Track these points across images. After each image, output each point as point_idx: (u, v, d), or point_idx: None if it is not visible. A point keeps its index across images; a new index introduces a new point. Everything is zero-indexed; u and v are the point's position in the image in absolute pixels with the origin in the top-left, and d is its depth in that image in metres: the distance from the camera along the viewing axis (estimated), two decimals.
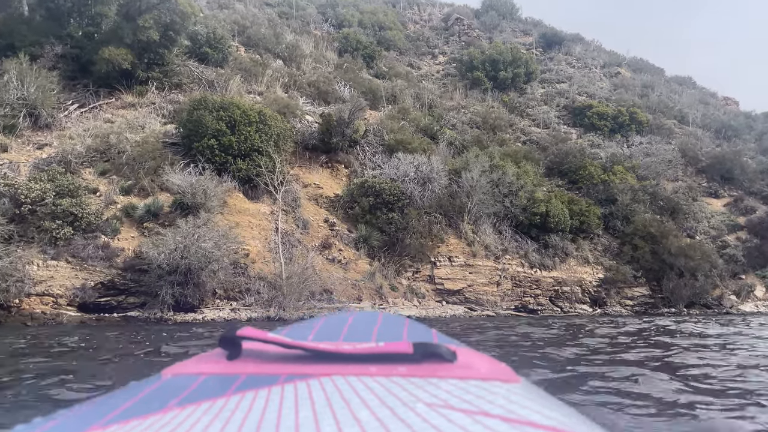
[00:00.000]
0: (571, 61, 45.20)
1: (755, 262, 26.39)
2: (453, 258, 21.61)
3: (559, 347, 8.56)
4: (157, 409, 0.58)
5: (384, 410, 0.55)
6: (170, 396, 0.63)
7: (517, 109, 37.38)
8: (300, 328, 1.06)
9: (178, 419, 0.55)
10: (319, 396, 0.61)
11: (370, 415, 0.54)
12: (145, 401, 0.62)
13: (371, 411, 0.55)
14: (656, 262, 24.37)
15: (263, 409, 0.57)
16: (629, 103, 37.23)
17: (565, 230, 24.57)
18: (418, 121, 30.37)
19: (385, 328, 1.07)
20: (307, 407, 0.57)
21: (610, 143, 32.96)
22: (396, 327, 1.09)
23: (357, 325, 1.09)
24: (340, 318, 1.17)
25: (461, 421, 0.51)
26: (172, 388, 0.67)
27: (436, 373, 0.69)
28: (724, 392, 4.92)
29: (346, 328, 1.05)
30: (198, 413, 0.56)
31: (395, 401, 0.58)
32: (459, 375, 0.69)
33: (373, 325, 1.08)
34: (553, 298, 23.31)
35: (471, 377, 0.68)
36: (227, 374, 0.71)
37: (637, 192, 27.64)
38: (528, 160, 28.20)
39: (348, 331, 1.03)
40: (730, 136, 35.53)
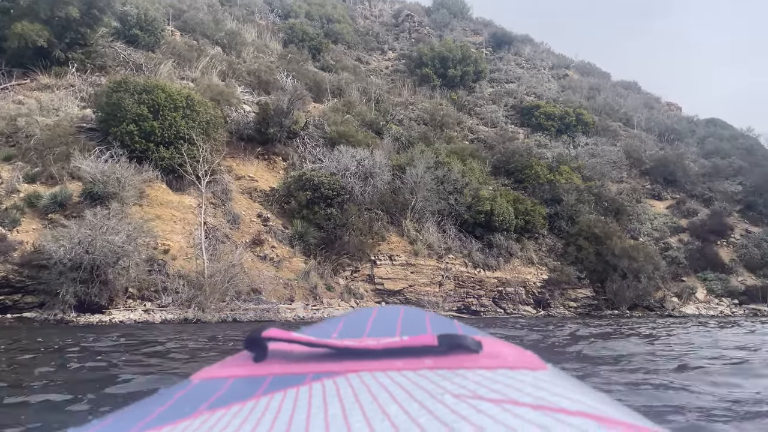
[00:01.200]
0: (520, 62, 45.05)
1: (697, 264, 26.46)
2: (394, 257, 20.61)
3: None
4: (188, 414, 0.58)
5: (412, 403, 0.54)
6: (200, 400, 0.62)
7: (466, 107, 36.82)
8: (324, 326, 1.04)
9: (209, 423, 0.54)
10: (347, 393, 0.60)
11: (399, 408, 0.53)
12: (176, 407, 0.61)
13: (399, 405, 0.54)
14: (600, 263, 24.03)
15: (292, 409, 0.56)
16: (576, 105, 37.22)
17: (510, 230, 23.95)
18: (363, 116, 29.29)
19: (408, 322, 1.06)
20: (336, 404, 0.56)
21: (556, 143, 32.73)
22: (419, 320, 1.08)
23: (380, 320, 1.08)
24: (363, 314, 1.16)
25: (490, 410, 0.51)
26: (202, 392, 0.66)
27: (462, 364, 0.68)
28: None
29: (369, 324, 1.03)
30: (228, 416, 0.56)
31: (423, 394, 0.57)
32: (486, 365, 0.68)
33: (396, 319, 1.07)
34: (496, 299, 22.62)
35: (498, 366, 0.67)
36: (255, 376, 0.71)
37: (583, 192, 27.35)
38: (474, 158, 27.53)
39: (371, 326, 1.01)
40: (673, 139, 35.93)
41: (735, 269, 26.66)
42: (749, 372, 5.85)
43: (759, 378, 5.39)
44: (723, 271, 26.44)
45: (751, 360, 6.87)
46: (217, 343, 9.27)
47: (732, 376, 5.51)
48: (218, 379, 0.72)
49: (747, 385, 4.90)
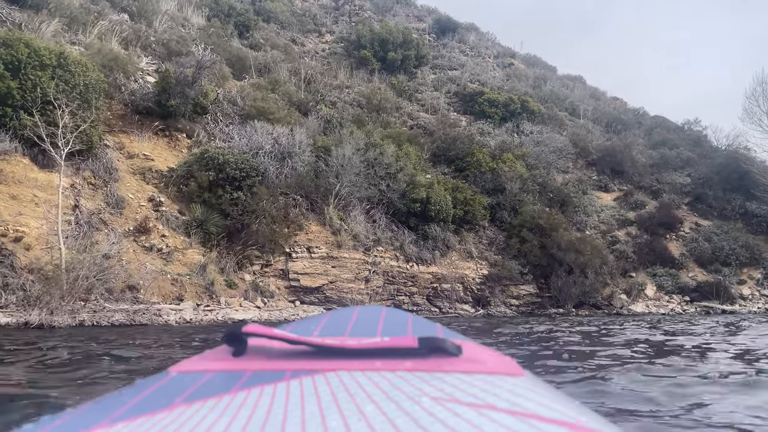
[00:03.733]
0: (464, 49, 43.00)
1: (646, 259, 24.78)
2: (313, 249, 17.86)
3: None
4: (164, 406, 0.58)
5: (390, 404, 0.55)
6: (177, 393, 0.62)
7: (406, 92, 34.41)
8: (305, 324, 1.04)
9: (185, 416, 0.55)
10: (325, 391, 0.60)
11: (376, 409, 0.54)
12: (152, 398, 0.62)
13: (377, 405, 0.55)
14: (545, 257, 21.94)
15: (269, 405, 0.57)
16: (521, 93, 35.36)
17: (447, 220, 21.59)
18: (290, 95, 26.44)
19: (389, 323, 1.05)
20: (313, 402, 0.57)
21: (500, 131, 30.67)
22: (400, 322, 1.07)
23: (362, 320, 1.07)
24: (345, 313, 1.15)
25: (467, 414, 0.51)
26: (179, 385, 0.66)
27: (441, 367, 0.69)
28: None
29: (351, 324, 1.03)
30: (204, 410, 0.56)
31: (401, 395, 0.58)
32: (464, 369, 0.68)
33: (378, 320, 1.07)
34: (431, 296, 20.18)
35: (476, 371, 0.68)
36: (233, 371, 0.70)
37: (527, 181, 25.29)
38: (412, 144, 25.06)
39: (353, 326, 1.01)
40: (620, 130, 34.53)
41: (685, 264, 25.14)
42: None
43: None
44: (673, 266, 24.87)
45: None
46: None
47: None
48: (196, 373, 0.70)
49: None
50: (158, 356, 6.98)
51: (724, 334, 10.75)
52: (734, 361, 6.59)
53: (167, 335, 10.15)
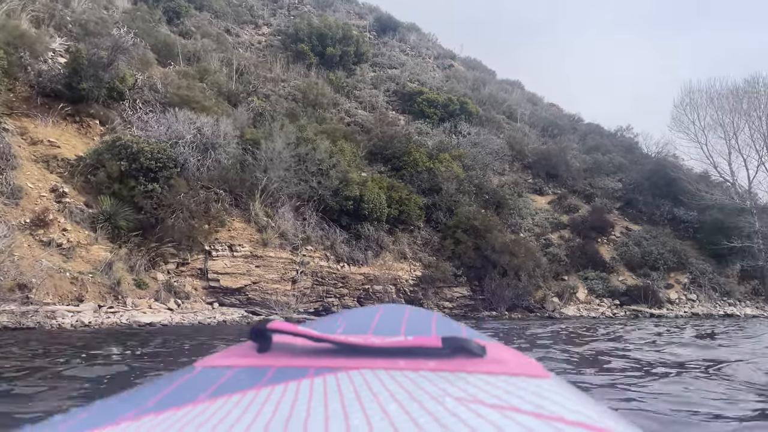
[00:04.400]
0: (405, 49, 42.52)
1: (578, 263, 24.85)
2: (236, 247, 16.71)
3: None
4: (190, 401, 0.58)
5: (413, 404, 0.55)
6: (202, 388, 0.63)
7: (344, 89, 33.50)
8: (329, 321, 1.05)
9: (210, 410, 0.55)
10: (348, 389, 0.60)
11: (399, 408, 0.53)
12: (178, 393, 0.62)
13: (400, 404, 0.55)
14: (479, 258, 21.55)
15: (293, 402, 0.57)
16: (461, 94, 35.15)
17: (381, 219, 20.85)
18: (220, 86, 25.10)
19: (413, 322, 1.05)
20: (336, 400, 0.57)
21: (438, 131, 30.26)
22: (424, 321, 1.07)
23: (385, 319, 1.07)
24: (368, 311, 1.15)
25: (491, 416, 0.51)
26: (204, 380, 0.67)
27: (465, 367, 0.68)
28: None
29: (374, 322, 1.03)
30: (229, 405, 0.56)
31: (424, 395, 0.57)
32: (488, 370, 0.68)
33: (402, 319, 1.06)
34: (362, 298, 19.37)
35: (500, 372, 0.67)
36: (257, 367, 0.71)
37: (463, 182, 24.91)
38: (348, 141, 24.22)
39: (377, 324, 1.02)
40: (556, 134, 34.84)
41: (616, 268, 25.38)
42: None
43: None
44: (604, 269, 25.05)
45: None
46: None
47: None
48: (221, 368, 0.71)
49: None
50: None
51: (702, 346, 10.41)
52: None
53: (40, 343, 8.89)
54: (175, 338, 9.73)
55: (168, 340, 9.37)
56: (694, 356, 7.48)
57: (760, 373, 5.74)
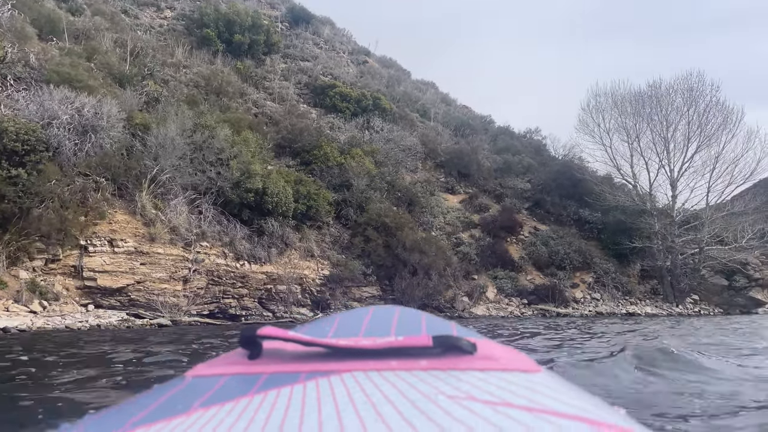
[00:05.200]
0: (318, 42, 41.21)
1: (488, 262, 24.65)
2: (118, 242, 14.86)
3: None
4: (182, 411, 0.58)
5: (406, 404, 0.55)
6: (194, 397, 0.62)
7: (253, 78, 31.82)
8: (319, 325, 1.04)
9: (203, 420, 0.55)
10: (341, 392, 0.60)
11: (393, 409, 0.54)
12: (170, 404, 0.62)
13: (393, 405, 0.55)
14: (389, 257, 20.75)
15: (286, 408, 0.57)
16: (374, 90, 34.36)
17: (287, 215, 19.57)
18: (111, 67, 22.80)
19: (403, 322, 1.05)
20: (330, 404, 0.57)
21: (350, 126, 29.28)
22: (414, 321, 1.07)
23: (375, 320, 1.07)
24: (358, 313, 1.15)
25: (484, 412, 0.51)
26: (196, 389, 0.67)
27: (457, 365, 0.69)
28: None
29: (365, 324, 1.03)
30: (222, 414, 0.56)
31: (417, 395, 0.58)
32: (480, 366, 0.68)
33: (392, 320, 1.06)
34: (264, 299, 17.99)
35: (492, 368, 0.68)
36: (249, 374, 0.71)
37: (375, 178, 24.05)
38: (254, 131, 22.69)
39: (367, 326, 1.01)
40: (468, 134, 34.80)
41: (524, 267, 25.41)
42: None
43: None
44: (513, 269, 25.00)
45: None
46: None
47: None
48: (212, 377, 0.70)
49: None
50: None
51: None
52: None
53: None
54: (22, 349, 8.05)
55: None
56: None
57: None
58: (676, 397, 3.79)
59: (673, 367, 4.64)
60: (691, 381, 4.26)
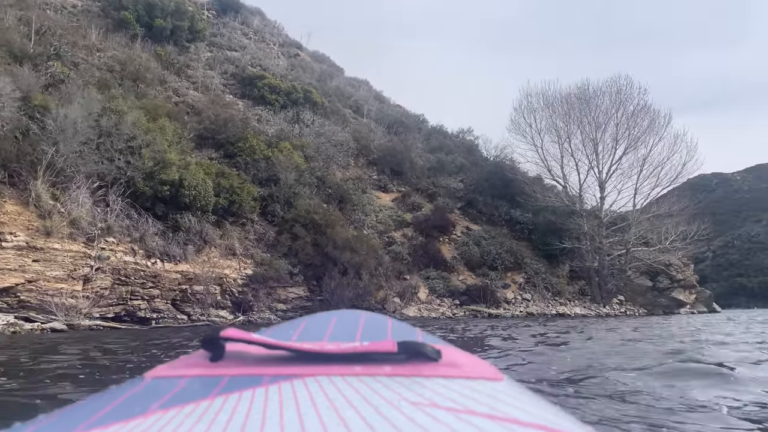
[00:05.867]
0: (247, 32, 39.47)
1: (420, 262, 23.99)
2: (6, 235, 13.03)
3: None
4: (140, 413, 0.57)
5: (369, 410, 0.55)
6: (152, 399, 0.61)
7: (174, 66, 29.89)
8: (284, 329, 1.01)
9: (161, 422, 0.54)
10: (304, 396, 0.60)
11: (355, 414, 0.54)
12: (127, 405, 0.60)
13: (356, 411, 0.55)
14: (318, 255, 19.66)
15: (247, 411, 0.56)
16: (306, 83, 33.13)
17: (207, 210, 18.14)
18: (12, 44, 20.54)
19: (369, 328, 1.04)
20: (292, 408, 0.56)
21: (279, 119, 27.93)
22: (380, 326, 1.07)
23: (341, 325, 1.06)
24: (323, 318, 1.13)
25: (447, 419, 0.52)
26: (155, 390, 0.65)
27: (421, 372, 0.68)
28: None
29: (330, 328, 1.01)
30: (181, 416, 0.55)
31: (380, 400, 0.58)
32: (444, 374, 0.68)
33: (357, 325, 1.05)
34: (178, 301, 16.48)
35: (456, 376, 0.68)
36: (210, 376, 0.69)
37: (304, 173, 22.89)
38: (172, 120, 21.02)
39: (332, 330, 0.99)
40: (402, 131, 34.16)
41: (456, 267, 24.94)
42: None
43: None
44: (445, 269, 24.47)
45: None
46: None
47: None
48: (172, 378, 0.69)
49: None
50: None
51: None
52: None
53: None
54: None
55: None
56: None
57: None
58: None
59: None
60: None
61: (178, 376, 0.70)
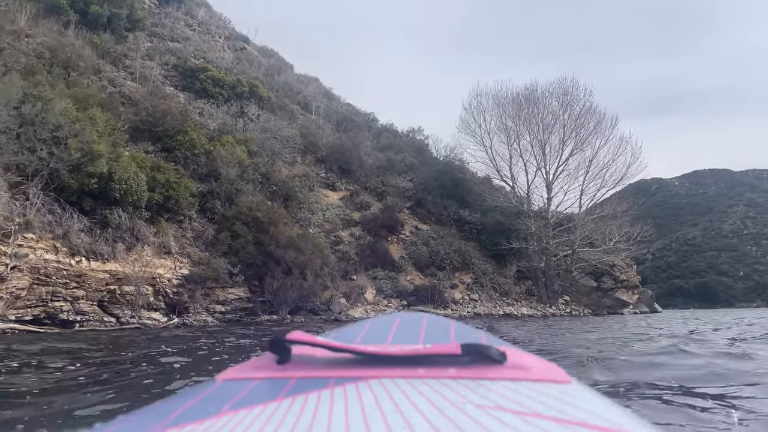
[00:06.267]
0: (191, 24, 38.03)
1: (368, 261, 23.44)
2: None
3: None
4: (212, 414, 0.59)
5: (434, 412, 0.55)
6: (224, 400, 0.63)
7: (111, 55, 28.37)
8: (348, 331, 1.04)
9: (232, 423, 0.56)
10: (369, 399, 0.60)
11: (420, 417, 0.54)
12: (200, 406, 0.63)
13: (421, 413, 0.55)
14: (260, 255, 18.82)
15: (314, 413, 0.57)
16: (252, 77, 32.08)
17: (140, 206, 17.02)
18: None
19: (432, 330, 1.04)
20: (357, 410, 0.57)
21: (222, 112, 26.84)
22: (443, 328, 1.07)
23: (404, 327, 1.06)
24: (386, 320, 1.14)
25: (513, 422, 0.51)
26: (226, 392, 0.67)
27: (485, 374, 0.68)
28: None
29: (393, 330, 1.02)
30: (250, 417, 0.57)
31: (445, 403, 0.58)
32: (509, 376, 0.68)
33: (420, 327, 1.06)
34: (105, 302, 15.35)
35: (521, 378, 0.67)
36: (278, 378, 0.71)
37: (248, 169, 21.99)
38: (105, 110, 19.73)
39: (395, 333, 1.00)
40: (351, 129, 33.54)
41: (404, 267, 24.52)
42: None
43: None
44: (393, 269, 24.00)
45: None
46: None
47: None
48: (242, 380, 0.71)
49: None
50: None
51: None
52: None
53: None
54: None
55: None
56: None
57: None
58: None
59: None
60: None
61: (248, 379, 0.71)
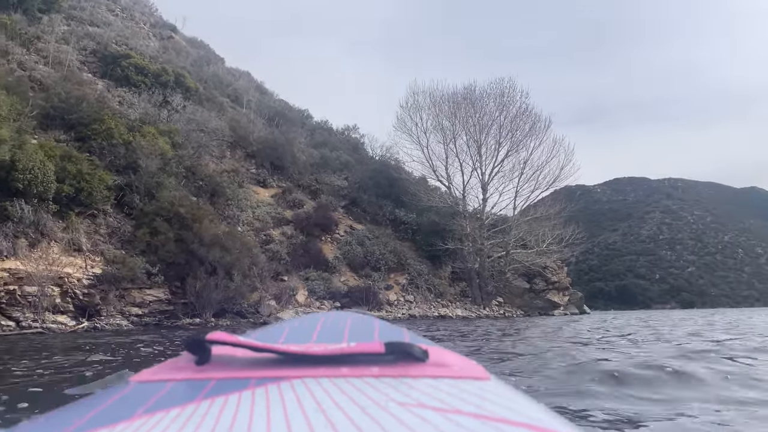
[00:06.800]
0: (114, 9, 35.76)
1: (300, 262, 22.44)
2: None
3: None
4: (125, 418, 0.56)
5: (356, 411, 0.55)
6: (138, 403, 0.60)
7: (21, 37, 26.02)
8: (270, 331, 1.01)
9: (147, 426, 0.53)
10: (291, 399, 0.59)
11: (343, 416, 0.54)
12: (112, 409, 0.60)
13: (343, 412, 0.55)
14: (183, 253, 17.50)
15: (234, 415, 0.55)
16: (178, 66, 30.37)
17: (47, 198, 15.44)
18: None
19: (356, 329, 1.04)
20: (279, 411, 0.56)
21: (143, 100, 25.10)
22: (367, 327, 1.06)
23: (328, 327, 1.05)
24: (310, 319, 1.13)
25: (434, 419, 0.52)
26: (140, 394, 0.64)
27: (408, 372, 0.68)
28: None
29: (317, 330, 1.00)
30: (167, 420, 0.54)
31: (367, 401, 0.58)
32: (431, 374, 0.68)
33: (344, 326, 1.05)
34: (4, 304, 13.70)
35: (443, 376, 0.68)
36: (196, 380, 0.68)
37: (170, 161, 20.54)
38: (12, 94, 17.84)
39: (319, 332, 0.99)
40: (284, 125, 32.36)
41: (338, 268, 23.68)
42: None
43: None
44: (326, 269, 23.11)
45: None
46: None
47: None
48: (157, 382, 0.68)
49: None
50: None
51: None
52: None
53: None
54: None
55: None
56: None
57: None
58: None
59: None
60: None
61: (164, 380, 0.68)
